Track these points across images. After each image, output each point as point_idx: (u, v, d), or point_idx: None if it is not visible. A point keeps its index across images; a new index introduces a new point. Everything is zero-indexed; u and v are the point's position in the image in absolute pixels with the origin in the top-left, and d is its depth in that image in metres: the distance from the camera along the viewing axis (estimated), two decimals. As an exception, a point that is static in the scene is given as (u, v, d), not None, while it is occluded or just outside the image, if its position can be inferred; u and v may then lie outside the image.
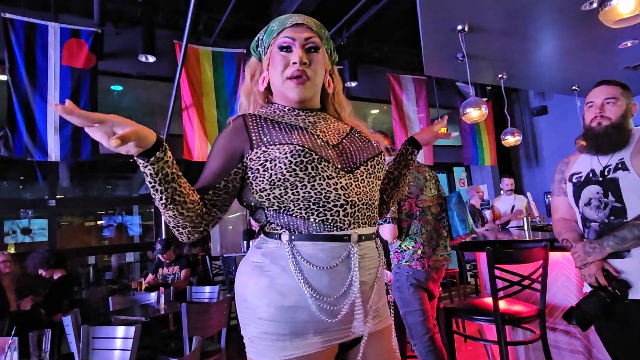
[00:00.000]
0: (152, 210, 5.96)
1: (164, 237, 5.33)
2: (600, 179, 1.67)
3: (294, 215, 1.00)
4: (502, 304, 2.16)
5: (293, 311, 0.97)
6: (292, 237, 1.00)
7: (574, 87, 5.96)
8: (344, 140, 1.10)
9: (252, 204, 1.08)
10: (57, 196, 5.77)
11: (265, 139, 1.03)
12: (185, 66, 4.85)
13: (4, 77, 4.37)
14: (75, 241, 7.07)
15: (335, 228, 1.00)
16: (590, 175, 1.71)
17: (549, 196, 7.67)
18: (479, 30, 3.98)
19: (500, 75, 5.31)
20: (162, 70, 5.39)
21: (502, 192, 5.85)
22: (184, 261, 4.51)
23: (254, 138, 1.04)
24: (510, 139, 5.76)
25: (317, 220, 0.99)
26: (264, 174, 1.00)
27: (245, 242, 5.33)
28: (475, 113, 4.36)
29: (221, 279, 5.48)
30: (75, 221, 7.37)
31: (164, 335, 3.60)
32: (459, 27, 3.90)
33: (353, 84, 6.29)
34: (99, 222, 7.39)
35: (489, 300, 2.22)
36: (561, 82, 5.88)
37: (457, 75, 5.56)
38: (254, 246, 1.09)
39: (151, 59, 5.03)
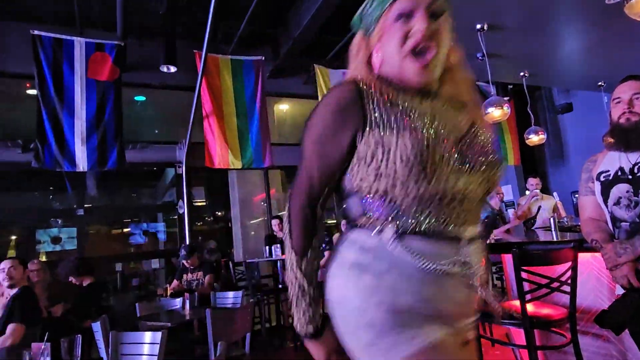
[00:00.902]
0: (176, 217, 6.06)
1: (187, 243, 5.41)
2: (630, 176, 1.62)
3: (401, 208, 0.86)
4: (530, 307, 2.11)
5: (407, 314, 0.84)
6: (399, 233, 0.86)
7: (600, 83, 5.80)
8: (464, 136, 0.93)
9: (346, 188, 0.94)
10: (85, 205, 5.95)
11: (381, 120, 0.87)
12: (205, 75, 4.94)
13: (33, 92, 4.54)
14: (102, 249, 7.27)
15: (447, 226, 0.87)
16: (619, 173, 1.66)
17: (576, 195, 7.45)
18: (499, 28, 3.92)
19: (522, 74, 5.22)
20: (183, 79, 5.51)
21: (527, 192, 5.72)
22: (208, 267, 4.56)
23: (368, 115, 0.87)
24: (535, 138, 5.64)
25: (427, 217, 0.86)
26: (370, 162, 0.86)
27: (267, 247, 5.37)
28: (497, 112, 4.29)
29: (244, 284, 5.53)
30: (102, 229, 7.57)
31: (190, 341, 3.65)
32: (478, 26, 3.85)
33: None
34: (125, 230, 7.57)
35: (516, 303, 2.17)
36: (586, 78, 5.73)
37: (478, 75, 5.47)
38: (346, 242, 0.94)
39: (172, 69, 5.15)
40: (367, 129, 0.87)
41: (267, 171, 6.47)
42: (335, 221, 7.52)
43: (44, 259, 6.27)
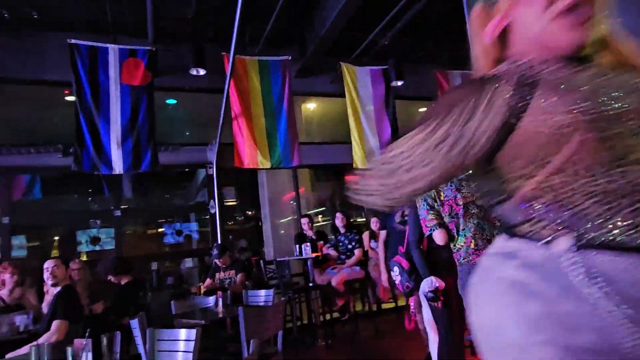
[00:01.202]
0: (208, 217, 6.19)
1: (219, 242, 5.51)
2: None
3: (581, 212, 0.67)
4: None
5: (592, 356, 0.62)
6: (579, 244, 0.67)
7: None
8: None
9: (502, 190, 0.76)
10: (122, 207, 6.17)
11: (534, 104, 0.70)
12: (233, 77, 5.01)
13: (71, 98, 4.73)
14: (138, 248, 7.50)
15: None
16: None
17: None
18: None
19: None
20: (212, 82, 5.61)
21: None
22: (239, 265, 4.63)
23: (516, 103, 0.71)
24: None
25: (622, 223, 0.65)
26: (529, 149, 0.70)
27: (297, 246, 5.40)
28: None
29: (275, 282, 5.58)
30: (138, 230, 7.82)
31: (223, 338, 3.71)
32: (509, 17, 3.73)
33: (399, 83, 6.23)
34: (159, 230, 7.78)
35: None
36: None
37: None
38: (498, 254, 0.77)
39: (202, 72, 5.25)
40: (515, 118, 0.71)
41: (295, 170, 6.50)
42: (365, 219, 7.48)
43: (84, 258, 6.54)
